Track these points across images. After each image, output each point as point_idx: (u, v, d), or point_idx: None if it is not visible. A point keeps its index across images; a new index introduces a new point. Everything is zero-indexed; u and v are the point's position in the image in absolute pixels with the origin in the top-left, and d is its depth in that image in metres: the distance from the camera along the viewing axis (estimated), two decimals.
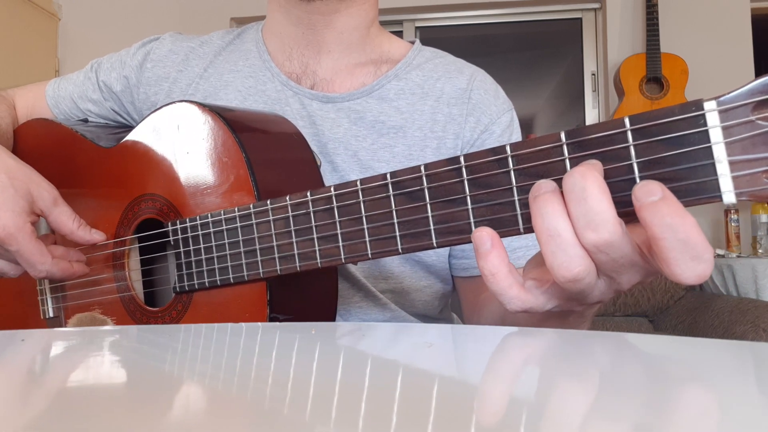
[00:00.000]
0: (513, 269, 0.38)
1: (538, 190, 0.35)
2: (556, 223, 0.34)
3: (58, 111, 0.81)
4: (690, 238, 0.31)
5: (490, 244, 0.36)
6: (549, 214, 0.34)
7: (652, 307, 2.47)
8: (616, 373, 0.27)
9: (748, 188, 0.30)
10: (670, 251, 0.31)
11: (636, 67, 2.69)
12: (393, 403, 0.22)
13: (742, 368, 0.27)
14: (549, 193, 0.34)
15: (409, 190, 0.41)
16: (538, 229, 0.35)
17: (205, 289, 0.55)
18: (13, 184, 0.58)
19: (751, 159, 0.30)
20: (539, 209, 0.34)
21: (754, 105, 0.30)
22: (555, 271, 0.34)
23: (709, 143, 0.31)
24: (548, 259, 0.34)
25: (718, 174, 0.31)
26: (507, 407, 0.22)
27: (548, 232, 0.34)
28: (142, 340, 0.39)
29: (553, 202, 0.34)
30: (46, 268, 0.59)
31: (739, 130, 0.30)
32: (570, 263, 0.34)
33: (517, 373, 0.28)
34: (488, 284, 0.37)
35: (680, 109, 0.31)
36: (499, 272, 0.37)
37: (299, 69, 0.73)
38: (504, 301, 0.38)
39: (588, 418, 0.20)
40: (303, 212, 0.47)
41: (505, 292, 0.37)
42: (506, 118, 0.73)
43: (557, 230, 0.34)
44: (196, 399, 0.24)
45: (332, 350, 0.34)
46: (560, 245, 0.34)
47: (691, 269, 0.31)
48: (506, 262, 0.37)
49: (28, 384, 0.28)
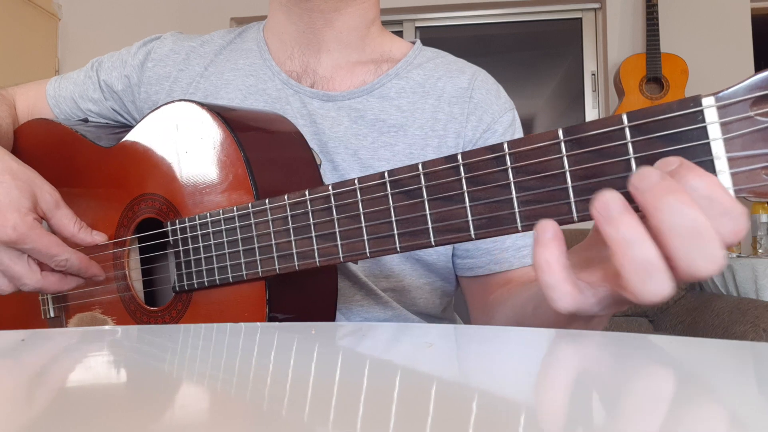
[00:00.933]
0: (569, 268, 0.35)
1: (610, 210, 0.32)
2: (648, 252, 0.31)
3: (59, 111, 0.81)
4: (704, 237, 0.29)
5: (552, 234, 0.34)
6: (637, 242, 0.31)
7: (652, 307, 2.47)
8: (616, 373, 0.27)
9: (747, 185, 0.30)
10: (680, 251, 0.30)
11: (636, 67, 2.69)
12: (392, 404, 0.22)
13: (742, 368, 0.27)
14: (625, 214, 0.31)
15: (407, 189, 0.41)
16: (621, 257, 0.31)
17: (204, 288, 0.55)
18: (17, 185, 0.58)
19: (749, 155, 0.29)
20: (622, 236, 0.31)
21: (752, 101, 0.29)
22: (644, 296, 0.31)
23: (707, 139, 0.31)
24: (635, 286, 0.31)
25: (717, 170, 0.31)
26: (507, 407, 0.22)
27: (639, 262, 0.31)
28: (142, 339, 0.39)
29: (635, 224, 0.31)
30: (66, 257, 0.59)
31: (737, 126, 0.30)
32: (662, 288, 0.31)
33: (517, 373, 0.28)
34: (541, 275, 0.35)
35: (678, 105, 0.31)
36: (557, 263, 0.34)
37: (300, 68, 0.74)
38: (555, 296, 0.35)
39: (588, 418, 0.20)
40: (301, 211, 0.47)
41: (559, 285, 0.35)
42: (508, 118, 0.73)
43: (649, 259, 0.31)
44: (195, 399, 0.24)
45: (331, 350, 0.34)
46: (653, 274, 0.31)
47: (705, 268, 0.30)
48: (564, 255, 0.35)
49: (28, 384, 0.28)
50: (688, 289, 2.47)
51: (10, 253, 0.58)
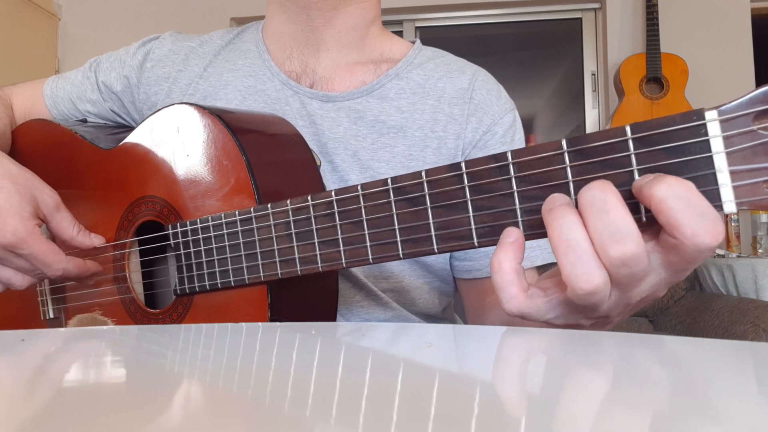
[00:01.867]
0: (521, 273, 0.37)
1: (553, 203, 0.35)
2: (575, 234, 0.33)
3: (56, 112, 0.81)
4: (690, 197, 0.31)
5: (514, 239, 0.37)
6: (566, 225, 0.34)
7: (652, 307, 2.47)
8: (616, 373, 0.27)
9: (748, 198, 0.30)
10: (676, 212, 0.31)
11: (636, 67, 2.68)
12: (393, 403, 0.22)
13: (742, 368, 0.27)
14: (564, 206, 0.34)
15: (411, 196, 0.41)
16: (555, 241, 0.34)
17: (205, 291, 0.56)
18: (18, 189, 0.58)
19: (752, 169, 0.30)
20: (556, 220, 0.34)
21: (755, 114, 0.30)
22: (574, 282, 0.34)
23: (710, 153, 0.31)
24: (566, 271, 0.34)
25: (719, 184, 0.31)
26: (507, 408, 0.22)
27: (566, 243, 0.34)
28: (142, 339, 0.39)
29: (569, 213, 0.34)
30: (63, 266, 0.59)
31: (740, 140, 0.30)
32: (590, 274, 0.33)
33: (518, 373, 0.28)
34: (492, 276, 0.37)
35: (681, 118, 0.31)
36: (509, 265, 0.36)
37: (299, 68, 0.73)
38: (503, 298, 0.37)
39: (587, 418, 0.20)
40: (304, 216, 0.47)
41: (506, 287, 0.37)
42: (509, 119, 0.73)
43: (576, 241, 0.33)
44: (196, 398, 0.24)
45: (332, 350, 0.34)
46: (580, 256, 0.33)
47: (703, 227, 0.31)
48: (518, 261, 0.37)
49: (28, 384, 0.28)
50: (688, 289, 2.47)
51: (7, 254, 0.58)
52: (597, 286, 0.34)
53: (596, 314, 0.38)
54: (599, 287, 0.34)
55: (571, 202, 0.35)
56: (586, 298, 0.35)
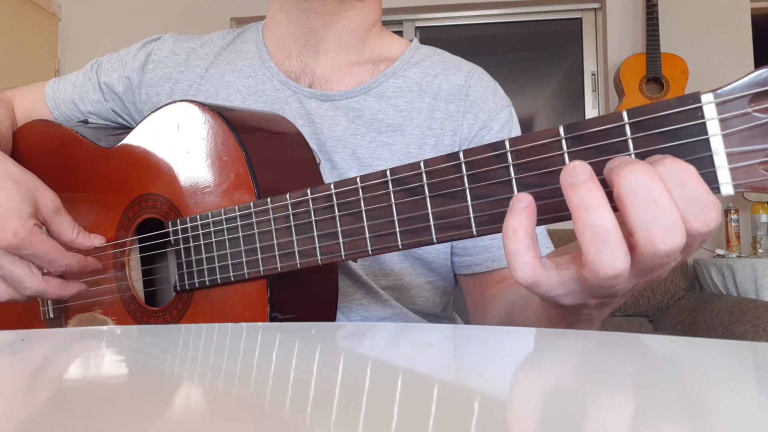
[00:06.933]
0: (536, 239, 0.36)
1: (576, 176, 0.32)
2: (604, 218, 0.32)
3: (58, 113, 0.81)
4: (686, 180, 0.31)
5: (526, 204, 0.35)
6: (595, 208, 0.32)
7: (652, 307, 2.47)
8: (616, 373, 0.27)
9: (745, 180, 0.30)
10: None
11: (636, 67, 2.69)
12: (393, 404, 0.22)
13: (742, 368, 0.27)
14: (589, 181, 0.32)
15: (409, 187, 0.41)
16: (581, 224, 0.32)
17: (205, 287, 0.56)
18: (18, 191, 0.58)
19: (748, 151, 0.30)
20: (582, 201, 0.32)
21: (751, 97, 0.30)
22: (598, 267, 0.32)
23: (706, 135, 0.31)
24: (591, 256, 0.32)
25: (716, 166, 0.31)
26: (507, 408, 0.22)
27: (594, 228, 0.32)
28: (142, 339, 0.39)
29: (596, 191, 0.32)
30: (66, 262, 0.60)
31: (736, 122, 0.30)
32: (617, 260, 0.32)
33: (517, 373, 0.28)
34: (506, 241, 0.35)
35: (678, 101, 0.31)
36: (523, 230, 0.35)
37: (298, 68, 0.74)
38: (516, 266, 0.35)
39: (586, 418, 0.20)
40: (303, 210, 0.47)
41: (520, 254, 0.35)
42: (504, 115, 0.73)
43: (605, 226, 0.32)
44: (196, 400, 0.24)
45: (332, 351, 0.34)
46: (608, 242, 0.32)
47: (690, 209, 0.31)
48: (532, 227, 0.35)
49: (28, 383, 0.28)
50: (688, 289, 2.47)
51: (10, 258, 0.58)
52: (623, 271, 0.32)
53: (606, 294, 0.36)
54: (624, 272, 0.32)
55: (594, 175, 0.33)
56: (606, 281, 0.33)
